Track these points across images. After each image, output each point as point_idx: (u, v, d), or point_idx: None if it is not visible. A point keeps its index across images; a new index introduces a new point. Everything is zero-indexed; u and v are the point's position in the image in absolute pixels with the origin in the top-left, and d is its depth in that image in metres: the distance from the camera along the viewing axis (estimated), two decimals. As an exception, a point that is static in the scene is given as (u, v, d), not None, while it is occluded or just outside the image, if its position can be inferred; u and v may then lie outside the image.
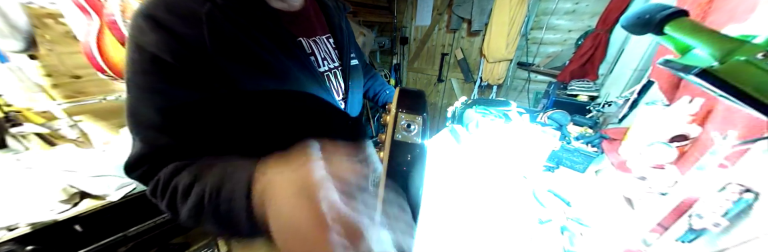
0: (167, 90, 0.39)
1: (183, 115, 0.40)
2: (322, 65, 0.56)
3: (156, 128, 0.40)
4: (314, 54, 0.55)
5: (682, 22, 0.32)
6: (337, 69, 0.60)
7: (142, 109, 0.40)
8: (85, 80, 1.34)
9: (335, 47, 0.61)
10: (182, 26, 0.38)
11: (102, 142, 1.35)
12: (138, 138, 0.41)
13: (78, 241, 1.05)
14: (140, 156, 0.40)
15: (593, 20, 2.03)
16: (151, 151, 0.40)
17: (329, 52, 0.59)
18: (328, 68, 0.58)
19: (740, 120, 0.54)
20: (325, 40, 0.59)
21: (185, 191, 0.34)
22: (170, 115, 0.39)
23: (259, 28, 0.44)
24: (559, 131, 1.12)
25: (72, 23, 1.10)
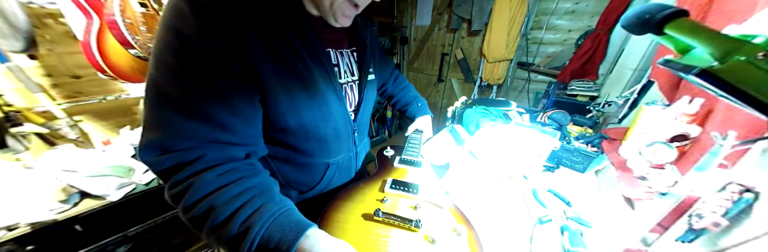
0: (199, 75, 0.39)
1: (211, 102, 0.41)
2: (342, 77, 0.59)
3: (181, 112, 0.40)
4: (338, 65, 0.58)
5: (682, 22, 0.32)
6: (354, 82, 0.63)
7: (171, 90, 0.39)
8: (85, 80, 1.33)
9: (357, 61, 0.63)
10: (226, 19, 0.39)
11: (102, 142, 1.35)
12: (158, 120, 0.40)
13: (78, 241, 1.05)
14: (159, 140, 0.40)
15: (593, 20, 2.03)
16: (171, 136, 0.40)
17: (351, 65, 0.62)
18: (347, 81, 0.61)
19: (740, 120, 0.54)
20: (349, 53, 0.62)
21: (231, 216, 0.38)
22: (199, 100, 0.40)
23: (296, 34, 0.45)
24: (559, 131, 1.12)
25: (72, 23, 1.10)
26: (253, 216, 0.39)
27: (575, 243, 0.61)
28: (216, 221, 0.38)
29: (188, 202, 0.39)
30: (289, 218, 0.41)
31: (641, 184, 0.72)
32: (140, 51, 1.14)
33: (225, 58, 0.39)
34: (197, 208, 0.39)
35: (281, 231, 0.38)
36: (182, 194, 0.39)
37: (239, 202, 0.39)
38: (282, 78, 0.45)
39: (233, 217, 0.38)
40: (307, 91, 0.49)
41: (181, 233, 1.40)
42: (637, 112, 0.93)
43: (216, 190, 0.40)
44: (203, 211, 0.39)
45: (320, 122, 0.55)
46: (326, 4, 0.47)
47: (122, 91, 1.46)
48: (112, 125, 1.48)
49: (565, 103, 1.87)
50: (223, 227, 0.38)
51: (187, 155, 0.40)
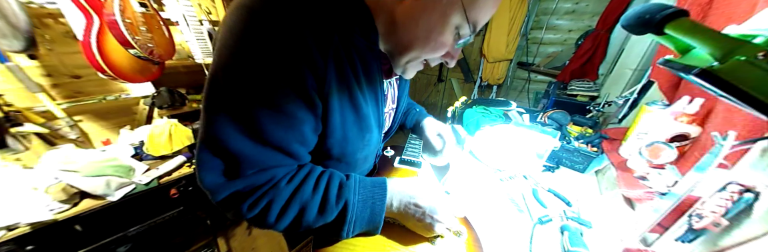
0: (282, 104, 0.38)
1: (288, 133, 0.40)
2: (387, 106, 0.60)
3: (257, 140, 0.39)
4: (387, 95, 0.59)
5: (682, 22, 0.32)
6: (393, 110, 0.65)
7: (248, 116, 0.37)
8: (85, 80, 1.34)
9: (397, 89, 0.65)
10: (315, 48, 0.36)
11: (102, 141, 1.35)
12: (228, 145, 0.38)
13: (78, 241, 1.05)
14: (229, 166, 0.39)
15: (593, 20, 2.03)
16: (242, 162, 0.39)
17: (394, 94, 0.63)
18: (388, 109, 0.62)
19: (740, 120, 0.54)
20: (394, 82, 0.62)
21: (324, 200, 0.43)
22: (277, 130, 0.39)
23: (364, 67, 0.44)
24: (559, 131, 1.12)
25: (72, 23, 1.10)
26: (342, 191, 0.44)
27: (575, 243, 0.61)
28: (314, 212, 0.42)
29: (276, 211, 0.41)
30: (365, 181, 0.48)
31: (641, 184, 0.72)
32: (140, 51, 1.14)
33: (308, 89, 0.38)
34: (289, 212, 0.41)
35: (371, 191, 0.46)
36: (266, 210, 0.41)
37: (321, 188, 0.44)
38: (344, 111, 0.45)
39: (327, 200, 0.43)
40: (358, 123, 0.49)
41: (181, 233, 1.40)
42: (638, 112, 0.93)
43: (296, 190, 0.42)
44: (297, 211, 0.42)
45: (358, 150, 0.55)
46: (402, 61, 0.47)
47: (122, 91, 1.47)
48: (112, 125, 1.48)
49: (565, 103, 1.87)
50: (324, 213, 0.42)
51: (257, 178, 0.40)
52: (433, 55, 0.45)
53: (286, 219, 0.41)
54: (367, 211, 0.45)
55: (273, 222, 0.41)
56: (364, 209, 0.44)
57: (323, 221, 0.43)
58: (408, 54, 0.45)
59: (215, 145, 0.38)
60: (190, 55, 1.51)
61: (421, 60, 0.48)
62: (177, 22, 1.37)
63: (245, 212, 0.40)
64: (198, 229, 1.48)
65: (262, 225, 0.42)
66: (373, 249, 0.49)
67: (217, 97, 0.38)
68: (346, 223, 0.43)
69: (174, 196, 1.26)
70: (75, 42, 1.14)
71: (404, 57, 0.46)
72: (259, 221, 0.42)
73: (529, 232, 0.70)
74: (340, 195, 0.44)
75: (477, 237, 0.55)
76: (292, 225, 0.42)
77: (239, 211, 0.41)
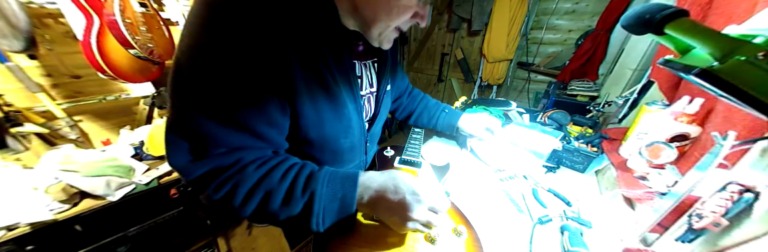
0: (243, 87, 0.40)
1: (252, 113, 0.42)
2: (363, 89, 0.60)
3: (221, 121, 0.40)
4: (361, 77, 0.59)
5: (682, 22, 0.32)
6: (372, 94, 0.64)
7: (210, 99, 0.40)
8: (85, 80, 1.34)
9: (377, 72, 0.64)
10: (273, 32, 0.38)
11: (102, 141, 1.35)
12: (194, 127, 0.40)
13: (78, 241, 1.05)
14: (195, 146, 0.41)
15: (593, 20, 2.03)
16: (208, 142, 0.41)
17: (371, 77, 0.62)
18: (366, 92, 0.62)
19: (740, 120, 0.54)
20: (371, 64, 0.62)
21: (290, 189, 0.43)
22: (240, 110, 0.41)
23: (329, 48, 0.45)
24: (559, 131, 1.12)
25: (72, 23, 1.10)
26: (310, 182, 0.43)
27: (575, 243, 0.61)
28: (278, 201, 0.41)
29: (241, 196, 0.41)
30: (337, 173, 0.46)
31: (641, 184, 0.72)
32: (140, 51, 1.14)
33: (269, 72, 0.40)
34: (254, 198, 0.41)
35: (340, 183, 0.44)
36: (232, 193, 0.41)
37: (290, 177, 0.43)
38: (312, 93, 0.46)
39: (293, 189, 0.42)
40: (332, 105, 0.50)
41: (181, 233, 1.40)
42: (638, 112, 0.93)
43: (263, 176, 0.42)
44: (261, 197, 0.42)
45: (340, 135, 0.56)
46: (375, 32, 0.48)
47: (122, 91, 1.46)
48: (112, 125, 1.48)
49: (565, 103, 1.87)
50: (289, 202, 0.42)
51: (224, 159, 0.41)
52: (401, 19, 0.46)
53: (250, 205, 0.41)
54: (336, 203, 0.43)
55: (237, 206, 0.41)
56: (332, 201, 0.43)
57: (288, 212, 0.42)
58: (377, 25, 0.46)
59: (182, 127, 0.41)
60: (190, 55, 1.51)
61: (391, 28, 0.48)
62: (177, 22, 1.37)
63: (211, 193, 0.41)
64: (198, 229, 1.48)
65: (228, 208, 0.42)
66: (373, 249, 0.49)
67: (181, 83, 0.40)
68: (313, 215, 0.42)
69: (174, 196, 1.26)
70: (75, 42, 1.14)
71: (375, 29, 0.47)
72: (225, 204, 0.42)
73: (529, 232, 0.70)
74: (307, 186, 0.43)
75: (477, 237, 0.55)
76: (257, 212, 0.42)
77: (206, 193, 0.42)
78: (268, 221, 0.44)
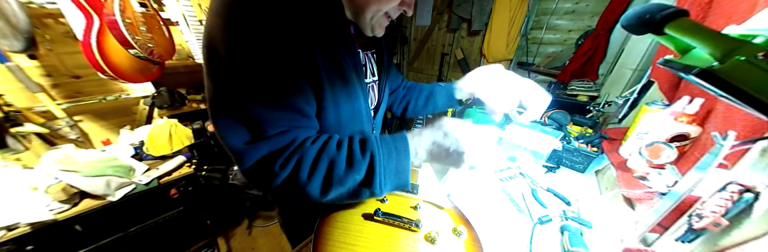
0: (281, 70, 0.42)
1: (293, 94, 0.45)
2: (368, 77, 0.63)
3: (267, 104, 0.43)
4: (365, 66, 0.63)
5: (682, 22, 0.32)
6: (375, 83, 0.68)
7: (254, 85, 0.42)
8: (85, 80, 1.34)
9: (376, 62, 0.68)
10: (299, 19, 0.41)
11: (102, 141, 1.35)
12: (244, 112, 0.43)
13: (78, 241, 1.05)
14: (250, 129, 0.44)
15: (593, 20, 2.03)
16: (261, 124, 0.43)
17: (372, 67, 0.66)
18: (370, 81, 0.65)
19: (740, 120, 0.54)
20: (370, 55, 0.66)
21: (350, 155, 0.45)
22: (282, 92, 0.44)
23: (339, 35, 0.49)
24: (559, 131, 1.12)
25: (72, 23, 1.10)
26: (365, 145, 0.45)
27: (575, 243, 0.61)
28: (343, 166, 0.44)
29: (306, 168, 0.43)
30: (386, 136, 0.48)
31: (641, 184, 0.72)
32: (140, 51, 1.14)
33: (300, 56, 0.43)
34: (319, 168, 0.43)
35: (392, 143, 0.46)
36: (297, 167, 0.43)
37: (345, 144, 0.46)
38: (331, 77, 0.49)
39: (352, 153, 0.45)
40: (346, 90, 0.53)
41: (181, 233, 1.40)
42: (638, 112, 0.93)
43: (322, 147, 0.45)
44: (327, 166, 0.43)
45: (353, 119, 0.59)
46: (367, 17, 0.51)
47: (122, 91, 1.47)
48: (112, 125, 1.48)
49: (565, 103, 1.87)
50: (352, 166, 0.44)
51: (281, 139, 0.44)
52: (390, 4, 0.50)
53: (317, 176, 0.43)
54: (393, 161, 0.45)
55: (305, 180, 0.43)
56: (389, 160, 0.45)
57: (353, 177, 0.44)
58: (369, 9, 0.49)
59: (235, 112, 0.43)
60: (190, 55, 1.51)
61: (382, 13, 0.51)
62: (177, 22, 1.37)
63: (278, 171, 0.42)
64: (198, 229, 1.49)
65: (293, 187, 0.43)
66: (372, 249, 0.49)
67: (223, 69, 0.42)
68: (375, 174, 0.44)
69: (174, 196, 1.26)
70: (75, 42, 1.14)
71: (368, 13, 0.50)
72: (292, 182, 0.43)
73: (529, 232, 0.70)
74: (364, 149, 0.45)
75: (477, 237, 0.55)
76: (325, 183, 0.44)
77: (270, 174, 0.43)
78: (335, 194, 0.45)
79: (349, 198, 0.46)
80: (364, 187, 0.44)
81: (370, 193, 0.45)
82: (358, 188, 0.45)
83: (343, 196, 0.46)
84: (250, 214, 1.92)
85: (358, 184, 0.44)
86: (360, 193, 0.45)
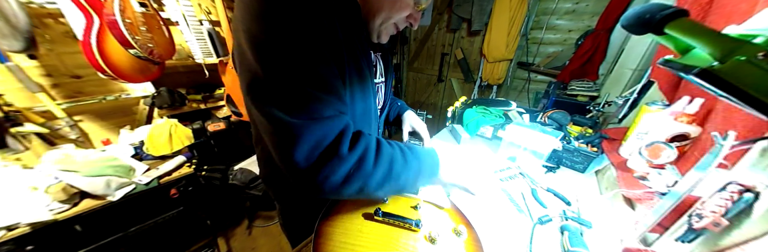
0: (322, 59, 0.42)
1: (333, 81, 0.44)
2: (377, 77, 0.67)
3: (316, 88, 0.41)
4: (376, 66, 0.66)
5: (682, 22, 0.32)
6: (382, 83, 0.71)
7: (301, 72, 0.40)
8: (85, 80, 1.34)
9: (383, 64, 0.71)
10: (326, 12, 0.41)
11: (102, 141, 1.35)
12: (295, 94, 0.40)
13: (78, 241, 1.05)
14: (305, 110, 0.40)
15: (593, 20, 2.03)
16: (314, 105, 0.41)
17: (381, 68, 0.69)
18: (378, 81, 0.68)
19: (740, 120, 0.54)
20: (378, 57, 0.68)
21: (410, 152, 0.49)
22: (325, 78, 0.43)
23: (357, 36, 0.51)
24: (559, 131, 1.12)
25: (72, 23, 1.10)
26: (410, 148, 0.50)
27: (575, 243, 0.61)
28: (399, 161, 0.46)
29: (371, 158, 0.43)
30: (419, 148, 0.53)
31: (641, 184, 0.72)
32: (140, 51, 1.14)
33: (335, 49, 0.44)
34: (382, 160, 0.44)
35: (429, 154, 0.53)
36: (364, 156, 0.42)
37: (395, 144, 0.50)
38: (351, 70, 0.50)
39: (405, 152, 0.48)
40: (361, 85, 0.54)
41: (181, 233, 1.40)
42: (638, 112, 0.93)
43: (379, 142, 0.47)
44: (389, 160, 0.45)
45: (364, 117, 0.60)
46: (377, 23, 0.53)
47: (122, 91, 1.47)
48: (112, 125, 1.48)
49: (565, 103, 1.87)
50: (406, 164, 0.47)
51: (338, 122, 0.42)
52: (400, 14, 0.53)
53: (381, 167, 0.43)
54: (431, 167, 0.51)
55: (371, 169, 0.42)
56: (430, 166, 0.51)
57: (406, 173, 0.46)
58: (379, 15, 0.51)
59: (288, 92, 0.40)
60: (190, 55, 1.51)
61: (391, 21, 0.54)
62: (177, 22, 1.37)
63: (346, 155, 0.40)
64: (198, 229, 1.48)
65: (357, 176, 0.42)
66: (372, 248, 0.49)
67: (272, 53, 0.40)
68: (420, 176, 0.48)
69: (174, 196, 1.26)
70: (75, 42, 1.14)
71: (378, 19, 0.52)
72: (358, 170, 0.41)
73: (529, 232, 0.70)
74: (412, 150, 0.50)
75: (477, 237, 0.55)
76: (386, 176, 0.44)
77: (338, 157, 0.40)
78: (388, 189, 0.45)
79: (387, 193, 0.47)
80: (409, 186, 0.47)
81: (409, 190, 0.50)
82: (405, 186, 0.47)
83: (386, 193, 0.46)
84: (250, 214, 1.92)
85: (407, 182, 0.46)
86: (401, 191, 0.49)
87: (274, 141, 0.42)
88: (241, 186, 1.71)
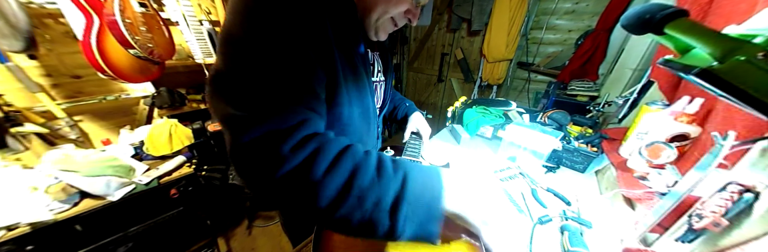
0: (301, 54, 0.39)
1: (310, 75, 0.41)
2: (375, 76, 0.66)
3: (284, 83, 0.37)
4: (373, 65, 0.65)
5: (682, 22, 0.32)
6: (380, 82, 0.71)
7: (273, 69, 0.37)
8: (85, 80, 1.34)
9: (382, 63, 0.71)
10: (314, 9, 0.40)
11: (102, 141, 1.35)
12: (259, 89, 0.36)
13: (78, 241, 1.05)
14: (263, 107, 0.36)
15: (593, 20, 2.03)
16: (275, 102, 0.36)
17: (378, 67, 0.69)
18: (376, 80, 0.68)
19: (740, 120, 0.54)
20: (377, 55, 0.68)
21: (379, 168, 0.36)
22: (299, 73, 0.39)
23: (352, 34, 0.50)
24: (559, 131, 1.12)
25: (72, 23, 1.10)
26: (396, 162, 0.38)
27: (575, 243, 0.61)
28: (371, 173, 0.35)
29: (326, 161, 0.34)
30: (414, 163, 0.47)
31: (641, 184, 0.71)
32: (140, 51, 1.14)
33: (322, 47, 0.42)
34: (342, 165, 0.34)
35: (427, 172, 0.39)
36: (314, 156, 0.33)
37: (375, 155, 0.38)
38: (345, 69, 0.49)
39: (383, 164, 0.36)
40: (357, 84, 0.53)
41: (181, 233, 1.40)
42: (638, 112, 0.93)
43: (346, 148, 0.37)
44: (352, 168, 0.34)
45: (362, 116, 0.59)
46: (373, 18, 0.52)
47: (122, 91, 1.47)
48: (112, 125, 1.48)
49: (565, 103, 1.87)
50: (381, 178, 0.35)
51: (294, 117, 0.36)
52: (397, 9, 0.51)
53: (336, 177, 0.33)
54: (427, 194, 0.35)
55: (319, 177, 0.32)
56: (423, 191, 0.35)
57: (377, 193, 0.33)
58: (376, 10, 0.50)
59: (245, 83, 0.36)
60: (190, 55, 1.51)
61: (387, 17, 0.53)
62: (177, 22, 1.37)
63: (287, 155, 0.32)
64: (198, 229, 1.48)
65: (300, 183, 0.33)
66: (372, 247, 0.49)
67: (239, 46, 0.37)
68: (402, 203, 0.33)
69: (174, 196, 1.26)
70: (75, 42, 1.14)
71: (374, 13, 0.51)
72: (301, 175, 0.32)
73: (529, 232, 0.70)
74: (397, 165, 0.37)
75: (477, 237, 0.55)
76: (342, 190, 0.33)
77: (277, 156, 0.32)
78: (344, 211, 0.32)
79: (352, 226, 0.33)
80: (382, 217, 0.33)
81: (385, 228, 0.33)
82: (375, 215, 0.33)
83: (347, 220, 0.33)
84: (250, 214, 1.92)
85: (378, 208, 0.33)
86: (372, 224, 0.33)
87: (224, 134, 0.37)
88: (241, 186, 1.71)
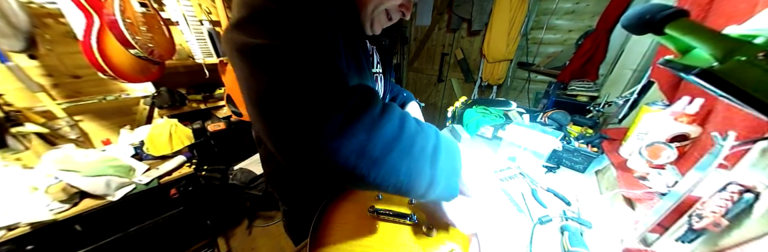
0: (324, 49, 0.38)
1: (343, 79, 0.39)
2: (374, 67, 0.68)
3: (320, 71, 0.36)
4: (372, 56, 0.67)
5: (683, 22, 0.32)
6: (380, 74, 0.71)
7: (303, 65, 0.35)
8: (85, 80, 1.34)
9: (380, 55, 0.72)
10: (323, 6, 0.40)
11: (102, 141, 1.35)
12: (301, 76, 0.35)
13: (78, 241, 1.05)
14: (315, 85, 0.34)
15: (593, 20, 2.03)
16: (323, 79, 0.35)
17: (376, 59, 0.70)
18: (375, 72, 0.69)
19: (740, 120, 0.54)
20: (374, 48, 0.70)
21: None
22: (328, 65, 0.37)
23: (352, 23, 0.51)
24: (559, 131, 1.12)
25: (72, 23, 1.10)
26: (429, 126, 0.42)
27: (575, 243, 0.61)
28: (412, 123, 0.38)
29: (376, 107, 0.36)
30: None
31: (641, 184, 0.71)
32: (140, 51, 1.14)
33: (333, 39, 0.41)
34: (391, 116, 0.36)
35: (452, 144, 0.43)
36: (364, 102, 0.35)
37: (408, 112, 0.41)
38: (348, 59, 0.50)
39: (418, 120, 0.41)
40: (359, 74, 0.55)
41: (181, 233, 1.40)
42: (638, 112, 0.93)
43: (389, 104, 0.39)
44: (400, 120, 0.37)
45: None
46: (369, 10, 0.52)
47: (122, 91, 1.47)
48: (112, 125, 1.48)
49: (565, 103, 1.87)
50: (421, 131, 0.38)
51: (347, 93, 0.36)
52: (391, 1, 0.52)
53: (390, 118, 0.36)
54: (453, 148, 0.42)
55: (377, 116, 0.35)
56: (451, 144, 0.41)
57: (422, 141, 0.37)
58: (371, 2, 0.51)
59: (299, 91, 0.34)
60: (190, 55, 1.51)
61: (383, 8, 0.53)
62: (177, 22, 1.37)
63: (344, 95, 0.34)
64: (198, 229, 1.48)
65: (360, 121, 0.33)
66: (371, 245, 0.49)
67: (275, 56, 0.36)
68: (440, 152, 0.38)
69: (174, 196, 1.26)
70: (75, 42, 1.14)
71: (370, 6, 0.51)
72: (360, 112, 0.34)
73: (529, 232, 0.70)
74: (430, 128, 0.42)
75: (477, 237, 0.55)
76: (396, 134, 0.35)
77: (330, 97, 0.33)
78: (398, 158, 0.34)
79: (399, 176, 0.34)
80: (424, 165, 0.36)
81: (427, 178, 0.36)
82: (420, 163, 0.36)
83: (396, 170, 0.34)
84: (250, 214, 1.92)
85: (422, 155, 0.36)
86: (417, 173, 0.35)
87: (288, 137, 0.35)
88: (241, 186, 1.71)
